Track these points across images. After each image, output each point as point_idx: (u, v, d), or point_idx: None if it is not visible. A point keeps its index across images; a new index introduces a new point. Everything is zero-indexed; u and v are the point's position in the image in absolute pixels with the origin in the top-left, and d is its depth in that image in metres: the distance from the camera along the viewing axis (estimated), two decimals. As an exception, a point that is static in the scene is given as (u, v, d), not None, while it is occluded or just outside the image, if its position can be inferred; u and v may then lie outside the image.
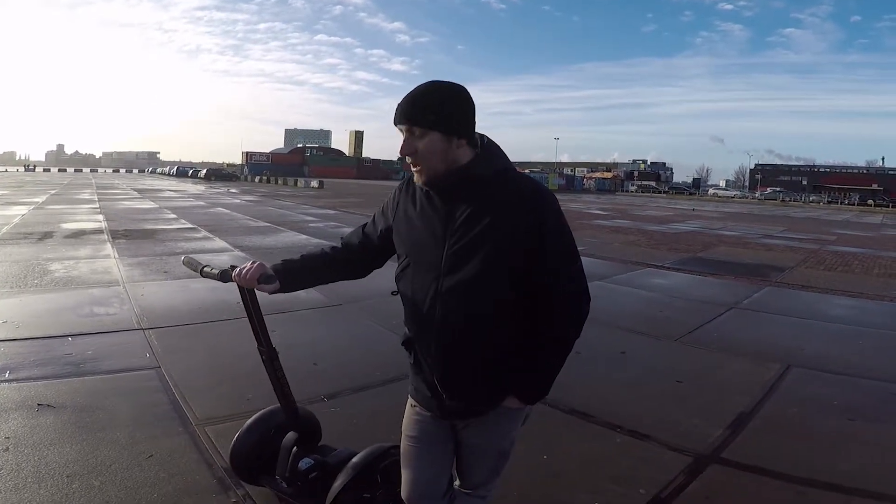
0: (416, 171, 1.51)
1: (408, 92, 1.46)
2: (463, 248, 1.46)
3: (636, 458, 2.96)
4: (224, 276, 1.74)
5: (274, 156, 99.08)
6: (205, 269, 1.82)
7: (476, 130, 1.53)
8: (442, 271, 1.49)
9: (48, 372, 3.77)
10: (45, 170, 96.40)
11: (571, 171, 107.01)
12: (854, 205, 64.30)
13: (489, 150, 1.53)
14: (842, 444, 3.23)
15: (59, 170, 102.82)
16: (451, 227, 1.48)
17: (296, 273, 1.73)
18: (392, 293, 1.64)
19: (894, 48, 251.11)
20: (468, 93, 1.48)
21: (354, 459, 1.92)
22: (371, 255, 1.75)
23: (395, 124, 1.49)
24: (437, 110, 1.43)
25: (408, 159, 1.49)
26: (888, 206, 60.80)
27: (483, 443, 1.65)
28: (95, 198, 22.93)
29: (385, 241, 1.68)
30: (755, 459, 2.98)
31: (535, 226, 1.45)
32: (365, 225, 1.76)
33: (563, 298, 1.50)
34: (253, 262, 1.70)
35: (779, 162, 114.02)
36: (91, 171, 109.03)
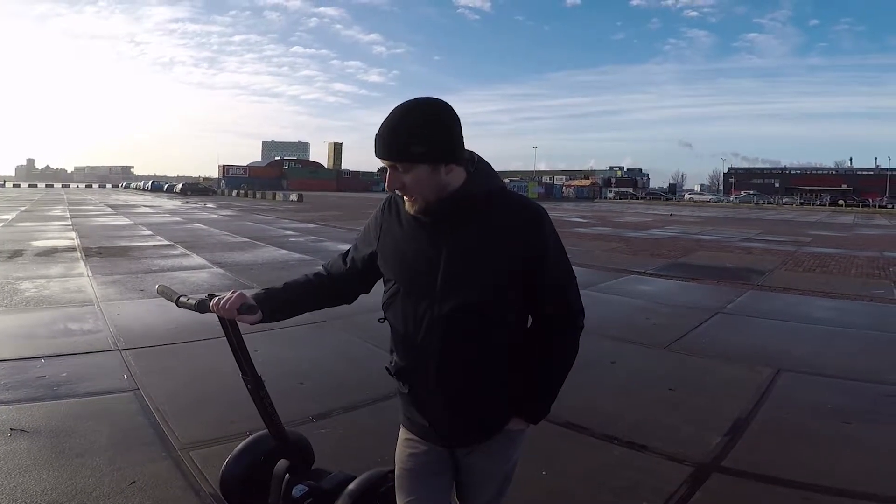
0: (408, 201, 1.41)
1: (386, 117, 1.34)
2: (459, 273, 1.39)
3: (636, 470, 2.91)
4: (201, 306, 1.63)
5: (251, 169, 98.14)
6: (181, 298, 1.71)
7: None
8: (437, 298, 1.41)
9: (21, 395, 3.60)
10: (14, 185, 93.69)
11: (550, 179, 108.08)
12: (826, 205, 66.00)
13: (481, 171, 1.45)
14: (841, 447, 3.21)
15: (30, 185, 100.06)
16: (444, 251, 1.40)
17: (279, 302, 1.62)
18: (379, 321, 1.56)
19: (852, 51, 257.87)
20: (451, 110, 1.35)
21: (351, 486, 1.82)
22: (356, 281, 1.65)
23: (377, 157, 1.38)
24: (420, 141, 1.30)
25: (397, 192, 1.42)
26: (859, 206, 62.46)
27: (489, 467, 1.58)
28: (68, 214, 22.42)
29: (370, 265, 1.59)
30: (757, 466, 2.94)
31: (531, 246, 1.41)
32: (348, 250, 1.67)
33: (560, 315, 1.48)
34: (233, 292, 1.59)
35: (746, 164, 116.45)
36: (63, 186, 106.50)
